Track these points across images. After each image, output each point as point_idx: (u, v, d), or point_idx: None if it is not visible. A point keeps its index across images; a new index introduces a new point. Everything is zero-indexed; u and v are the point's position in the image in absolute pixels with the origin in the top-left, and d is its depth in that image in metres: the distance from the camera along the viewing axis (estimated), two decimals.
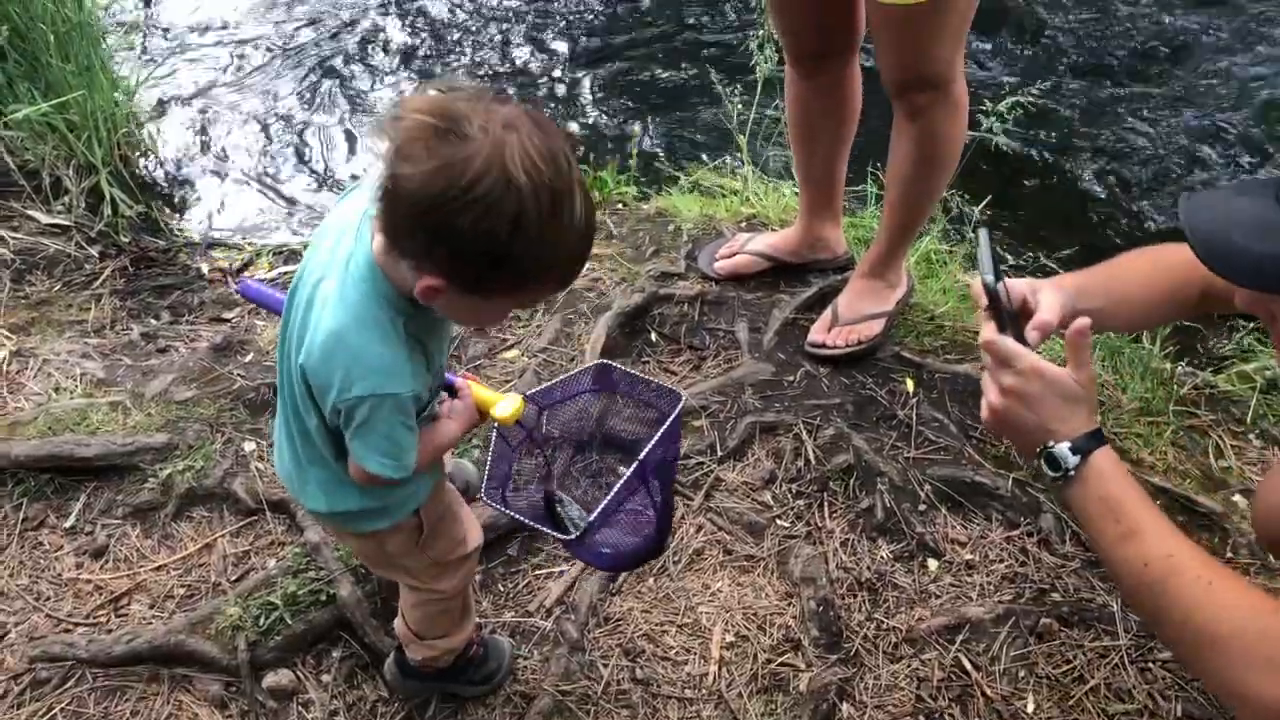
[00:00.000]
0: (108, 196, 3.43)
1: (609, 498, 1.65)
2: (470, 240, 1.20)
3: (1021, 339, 1.47)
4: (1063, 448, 1.42)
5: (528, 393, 1.73)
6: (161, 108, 4.34)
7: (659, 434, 1.67)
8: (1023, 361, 1.43)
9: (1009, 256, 3.69)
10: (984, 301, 1.49)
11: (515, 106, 1.23)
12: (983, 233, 1.52)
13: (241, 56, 4.79)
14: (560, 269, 1.31)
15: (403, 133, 1.19)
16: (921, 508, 2.39)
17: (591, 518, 1.65)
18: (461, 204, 1.17)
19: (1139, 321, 1.98)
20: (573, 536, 1.68)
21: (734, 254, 2.97)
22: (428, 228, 1.22)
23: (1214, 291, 1.61)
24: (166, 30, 4.94)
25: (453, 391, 1.64)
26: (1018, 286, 1.54)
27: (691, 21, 5.15)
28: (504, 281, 1.27)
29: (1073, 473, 1.42)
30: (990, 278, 1.48)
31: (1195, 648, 1.33)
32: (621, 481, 1.66)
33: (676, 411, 1.70)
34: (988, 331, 1.48)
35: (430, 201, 1.19)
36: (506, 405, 1.61)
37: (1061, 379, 1.42)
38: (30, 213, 3.36)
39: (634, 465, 1.64)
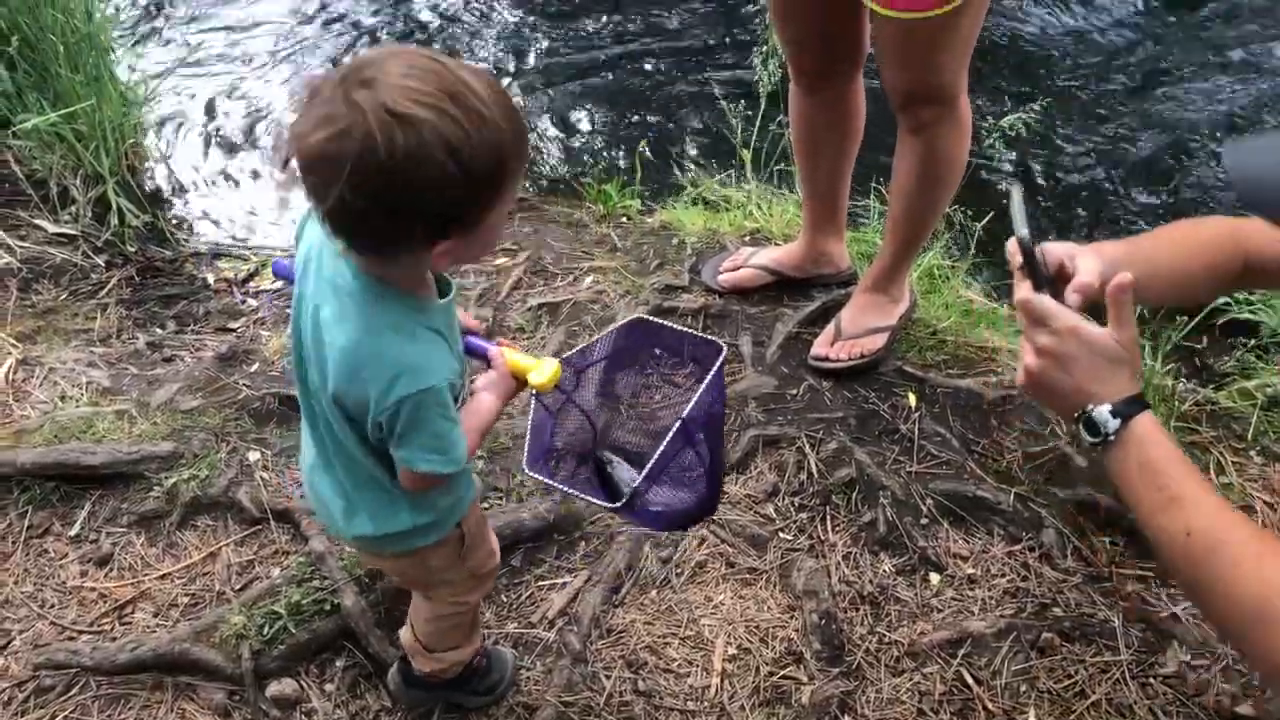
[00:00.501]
0: (115, 206, 3.45)
1: (654, 459, 1.58)
2: (421, 192, 1.18)
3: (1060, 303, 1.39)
4: (1102, 411, 1.34)
5: (563, 355, 1.69)
6: (169, 118, 4.36)
7: (702, 387, 1.62)
8: (1060, 321, 1.35)
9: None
10: (1018, 260, 1.41)
11: (364, 64, 1.18)
12: (1015, 189, 1.44)
13: (249, 68, 4.81)
14: (514, 147, 1.24)
15: (306, 166, 1.19)
16: (923, 522, 2.40)
17: (636, 483, 1.60)
18: (398, 172, 1.15)
19: (1176, 294, 1.83)
20: (620, 504, 1.63)
21: (737, 268, 2.98)
22: (391, 213, 1.20)
23: (1258, 263, 1.55)
24: (175, 41, 4.97)
25: (487, 361, 1.60)
26: (1055, 251, 1.45)
27: (696, 37, 5.18)
28: (486, 196, 1.24)
29: (1112, 438, 1.34)
30: (1025, 232, 1.39)
31: (1240, 622, 1.26)
32: (667, 439, 1.59)
33: (719, 364, 1.65)
34: (1023, 290, 1.40)
35: (376, 195, 1.17)
36: (543, 371, 1.56)
37: (1102, 339, 1.35)
38: (37, 222, 3.38)
39: (677, 422, 1.60)
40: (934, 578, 2.31)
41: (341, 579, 2.18)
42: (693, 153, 4.47)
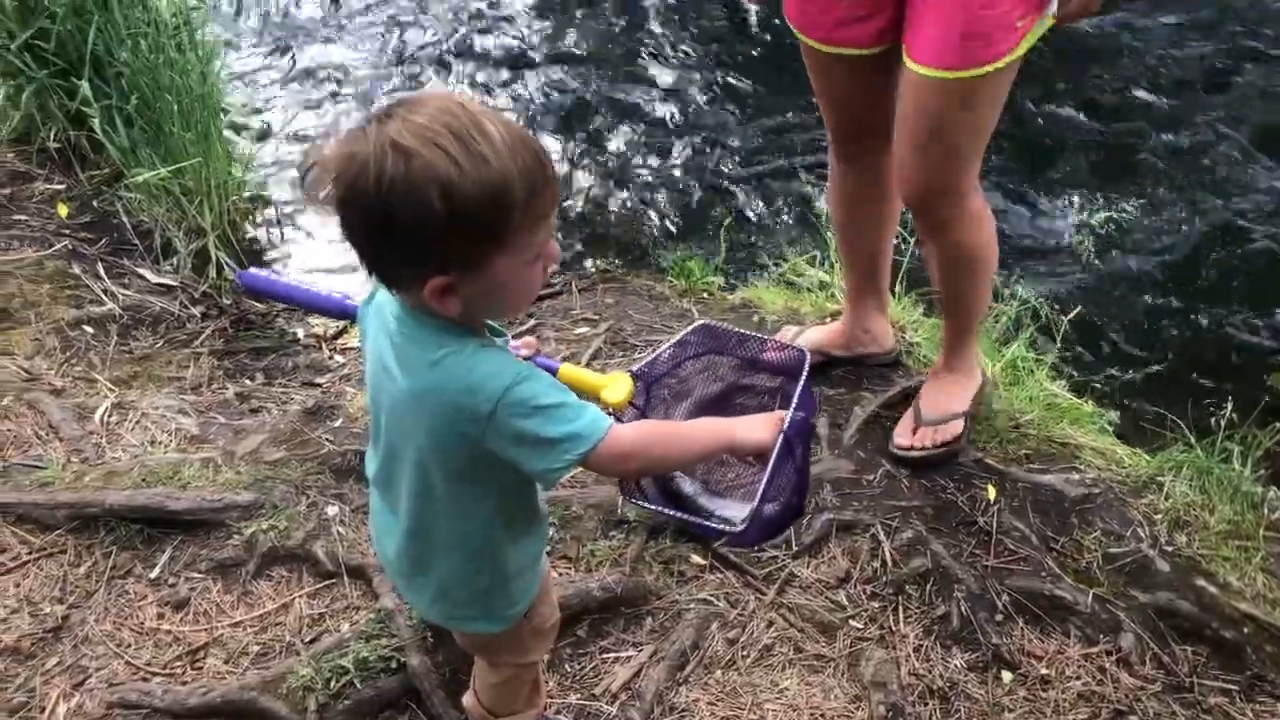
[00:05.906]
0: (214, 259, 3.58)
1: (764, 485, 1.49)
2: (415, 224, 1.21)
3: None
4: None
5: (633, 369, 1.65)
6: (271, 177, 4.52)
7: (795, 399, 1.53)
8: None
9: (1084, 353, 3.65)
10: None
11: (400, 101, 1.25)
12: None
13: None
14: (520, 196, 1.24)
15: (333, 202, 1.25)
16: (998, 618, 2.34)
17: (753, 506, 1.50)
18: (384, 200, 1.19)
19: None
20: (740, 528, 1.52)
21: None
22: (379, 238, 1.26)
23: None
24: (284, 105, 5.16)
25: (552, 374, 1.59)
26: None
27: (786, 120, 5.24)
28: (481, 240, 1.26)
29: None
30: None
31: None
32: (771, 462, 1.50)
33: (805, 373, 1.59)
34: None
35: (363, 218, 1.23)
36: (618, 389, 1.52)
37: None
38: (140, 270, 3.51)
39: (779, 440, 1.49)
40: (1006, 676, 2.25)
41: (409, 638, 2.19)
42: (778, 234, 4.50)
